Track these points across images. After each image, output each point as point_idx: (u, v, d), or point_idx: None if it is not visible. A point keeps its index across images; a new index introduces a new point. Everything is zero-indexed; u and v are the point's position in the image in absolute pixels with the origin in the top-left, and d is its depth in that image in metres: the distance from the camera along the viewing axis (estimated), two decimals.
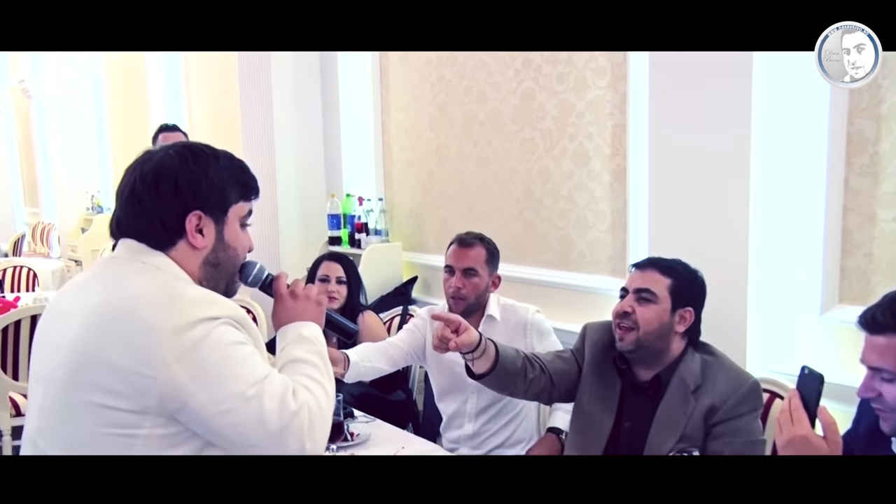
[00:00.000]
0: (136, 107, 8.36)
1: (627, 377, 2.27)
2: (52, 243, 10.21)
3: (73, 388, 1.40)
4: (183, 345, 1.36)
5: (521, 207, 3.98)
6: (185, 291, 1.44)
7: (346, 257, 3.59)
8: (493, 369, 2.22)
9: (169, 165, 1.51)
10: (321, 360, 1.59)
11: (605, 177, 3.52)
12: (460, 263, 2.87)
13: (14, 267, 6.09)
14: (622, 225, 3.45)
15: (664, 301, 2.20)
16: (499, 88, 4.03)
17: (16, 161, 12.22)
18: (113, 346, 1.37)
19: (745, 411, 2.11)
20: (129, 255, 1.51)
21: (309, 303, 1.67)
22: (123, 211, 1.53)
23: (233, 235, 1.58)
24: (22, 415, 3.84)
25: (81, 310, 1.44)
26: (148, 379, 1.35)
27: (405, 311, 3.91)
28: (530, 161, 3.89)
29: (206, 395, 1.36)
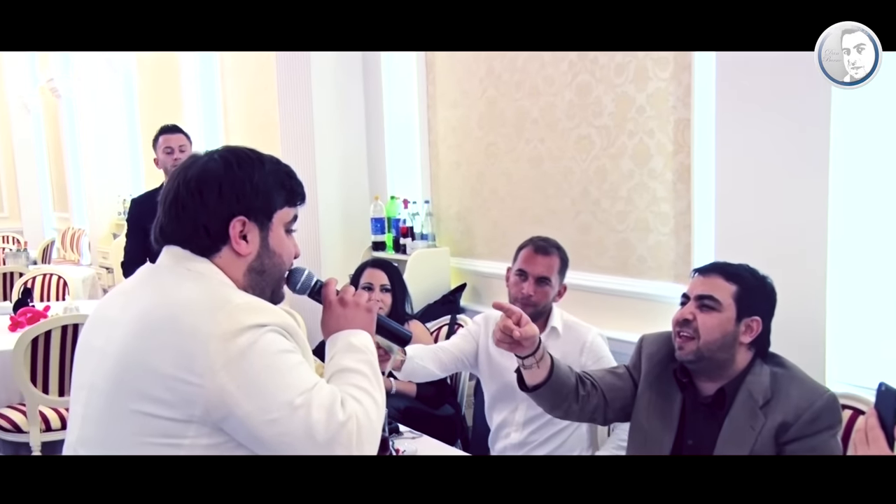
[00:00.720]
0: (169, 105, 8.51)
1: (689, 391, 2.25)
2: (82, 250, 10.43)
3: (117, 397, 1.45)
4: (230, 352, 1.40)
5: (576, 209, 3.97)
6: (232, 298, 1.49)
7: (390, 264, 3.62)
8: (548, 381, 2.22)
9: (213, 170, 1.56)
10: (371, 369, 1.63)
11: (668, 176, 3.50)
12: (535, 270, 2.92)
13: (43, 275, 6.23)
14: (686, 227, 3.43)
15: (728, 309, 2.17)
16: (552, 82, 4.03)
17: (45, 164, 12.51)
18: (159, 354, 1.41)
19: (822, 428, 2.07)
20: (174, 263, 1.56)
21: (359, 310, 1.71)
22: (167, 217, 1.58)
23: (278, 241, 1.62)
24: (52, 430, 3.93)
25: (127, 317, 1.49)
26: (194, 386, 1.39)
27: (453, 321, 3.92)
28: (586, 160, 3.88)
29: (252, 403, 1.40)
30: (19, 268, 6.44)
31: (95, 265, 9.52)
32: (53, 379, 3.87)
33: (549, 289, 2.92)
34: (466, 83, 4.63)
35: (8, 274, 6.27)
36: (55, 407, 3.97)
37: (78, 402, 1.56)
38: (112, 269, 9.20)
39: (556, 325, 2.95)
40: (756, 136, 2.85)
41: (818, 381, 2.16)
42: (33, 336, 3.80)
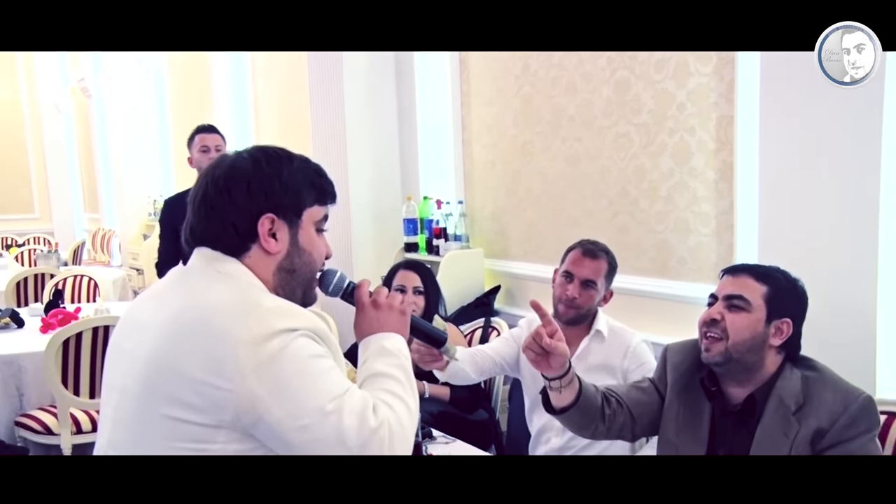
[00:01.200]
0: (200, 105, 8.58)
1: (717, 400, 2.21)
2: (112, 251, 10.55)
3: (147, 400, 1.46)
4: (260, 357, 1.40)
5: (614, 210, 3.95)
6: (263, 301, 1.48)
7: (423, 265, 3.61)
8: (575, 403, 2.18)
9: (241, 168, 1.57)
10: (404, 374, 1.62)
11: (709, 174, 3.46)
12: (581, 273, 2.91)
13: (74, 276, 6.30)
14: (728, 228, 3.39)
15: (758, 310, 2.13)
16: (590, 79, 4.00)
17: (75, 164, 12.67)
18: (189, 358, 1.42)
19: (860, 432, 2.02)
20: (204, 264, 1.56)
21: (392, 312, 1.71)
22: (196, 217, 1.59)
23: (308, 240, 1.62)
24: (83, 432, 3.96)
25: (157, 320, 1.50)
26: (224, 391, 1.39)
27: (487, 323, 3.90)
28: (625, 158, 3.85)
29: (283, 409, 1.40)
30: (50, 269, 6.51)
31: (126, 266, 9.63)
32: (84, 381, 3.90)
33: (594, 293, 2.91)
34: (501, 80, 4.61)
35: (39, 275, 6.33)
36: (86, 409, 3.99)
37: (108, 404, 1.57)
38: (142, 271, 9.30)
39: (601, 329, 2.94)
40: (802, 133, 2.80)
41: (851, 384, 2.11)
42: (64, 338, 3.84)
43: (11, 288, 6.11)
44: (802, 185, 2.83)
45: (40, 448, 3.96)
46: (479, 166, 4.91)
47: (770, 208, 2.95)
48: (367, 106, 5.22)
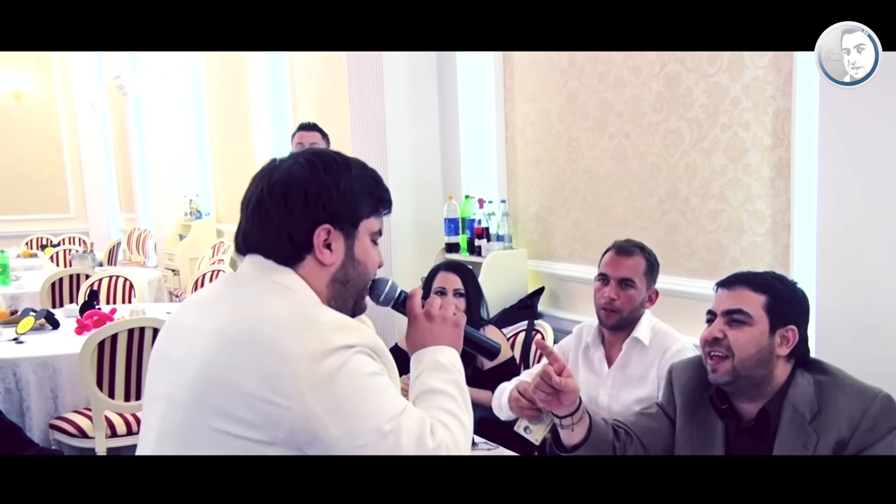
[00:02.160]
0: (237, 102, 8.65)
1: (730, 417, 2.18)
2: (148, 251, 10.68)
3: (198, 413, 1.45)
4: (318, 374, 1.40)
5: (664, 209, 3.91)
6: (320, 315, 1.49)
7: (464, 267, 3.60)
8: (586, 441, 2.17)
9: (298, 175, 1.56)
10: (459, 390, 1.62)
11: (765, 172, 3.41)
12: (616, 272, 2.86)
13: (109, 277, 6.38)
14: (785, 227, 3.35)
15: (760, 322, 2.11)
16: (638, 72, 3.97)
17: (111, 163, 12.85)
18: (243, 372, 1.41)
19: (883, 433, 1.99)
20: (258, 273, 1.56)
21: (446, 325, 1.71)
22: (250, 224, 1.59)
23: (363, 251, 1.62)
24: (118, 435, 4.00)
25: (209, 330, 1.49)
26: (279, 408, 1.39)
27: (530, 326, 3.88)
28: (675, 155, 3.81)
29: (340, 428, 1.40)
30: (85, 270, 6.60)
31: (161, 267, 9.74)
32: (120, 383, 3.94)
33: (633, 292, 2.85)
34: (546, 75, 4.59)
35: (74, 276, 6.42)
36: (121, 412, 4.04)
37: (153, 413, 1.57)
38: (178, 272, 9.40)
39: (640, 336, 2.85)
40: (864, 129, 2.75)
41: (865, 383, 2.07)
42: (100, 339, 3.89)
43: (46, 289, 6.20)
44: (864, 183, 2.78)
45: (74, 451, 4.01)
46: (523, 164, 4.89)
47: (829, 207, 2.90)
48: (408, 102, 5.23)
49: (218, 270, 6.83)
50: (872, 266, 2.80)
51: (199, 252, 9.06)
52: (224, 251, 8.41)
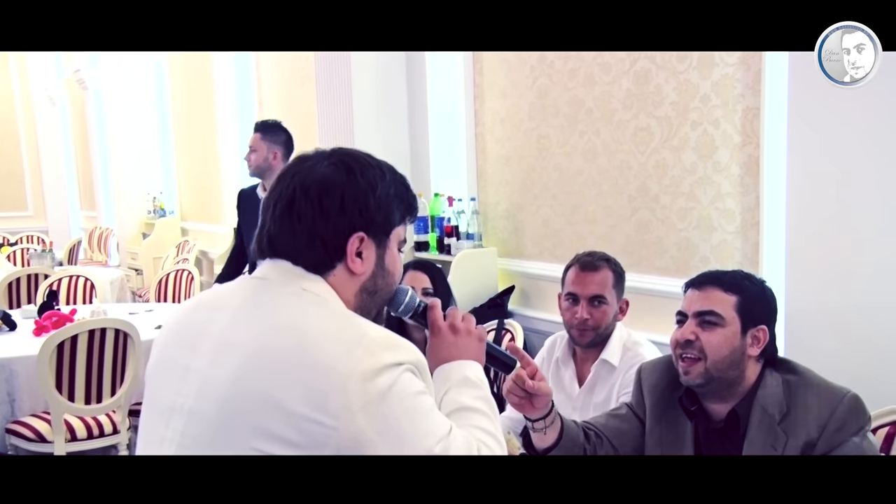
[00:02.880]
0: (202, 98, 8.61)
1: (700, 418, 2.20)
2: (110, 250, 10.59)
3: (230, 430, 1.39)
4: (370, 394, 1.35)
5: (634, 206, 3.95)
6: (367, 330, 1.43)
7: (433, 265, 3.60)
8: (559, 441, 2.17)
9: (334, 178, 1.51)
10: (489, 407, 1.60)
11: (734, 169, 3.46)
12: (585, 290, 2.81)
13: (69, 277, 6.33)
14: (754, 225, 3.39)
15: (732, 323, 2.13)
16: (609, 70, 4.00)
17: (71, 160, 12.72)
18: (287, 388, 1.35)
19: (851, 434, 2.02)
20: (287, 280, 1.50)
21: (471, 339, 1.68)
22: (278, 226, 1.52)
23: (392, 260, 1.58)
24: (78, 439, 3.99)
25: (244, 341, 1.43)
26: (327, 428, 1.33)
27: (500, 325, 3.91)
28: (645, 153, 3.85)
29: (391, 450, 1.36)
30: (44, 269, 6.55)
31: (124, 266, 9.68)
32: (80, 386, 3.93)
33: (606, 308, 2.81)
34: (516, 71, 4.62)
35: (32, 276, 6.37)
36: (81, 415, 4.02)
37: (166, 426, 1.48)
38: (141, 271, 9.34)
39: (610, 359, 2.82)
40: (833, 126, 2.80)
41: (833, 383, 2.10)
42: (59, 341, 3.87)
43: (3, 289, 6.16)
44: (832, 181, 2.83)
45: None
46: (493, 161, 4.92)
47: (798, 205, 2.95)
48: (376, 99, 5.23)
49: (183, 269, 6.81)
50: (842, 264, 2.84)
51: (162, 251, 9.02)
52: (189, 250, 8.38)
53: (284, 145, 4.67)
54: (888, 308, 2.72)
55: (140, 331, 4.16)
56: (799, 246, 2.96)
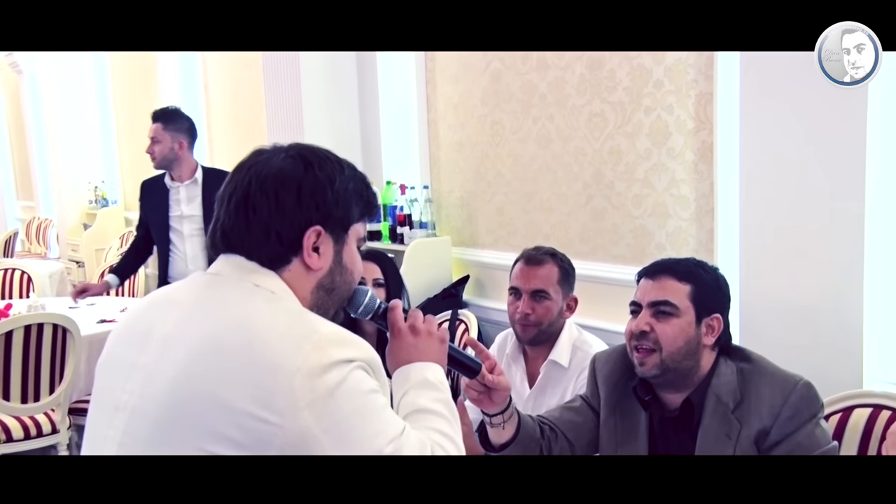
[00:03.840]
0: (145, 82, 8.51)
1: (654, 408, 2.23)
2: (49, 242, 10.45)
3: (174, 429, 1.39)
4: (317, 390, 1.35)
5: (588, 193, 3.99)
6: (318, 326, 1.43)
7: (384, 255, 3.61)
8: (516, 436, 2.18)
9: (291, 170, 1.51)
10: (449, 410, 1.60)
11: (688, 155, 3.51)
12: (528, 285, 2.83)
13: (5, 270, 6.24)
14: (709, 212, 3.44)
15: (686, 313, 2.16)
16: (562, 55, 4.03)
17: (6, 147, 12.51)
18: (233, 386, 1.36)
19: (803, 421, 2.06)
20: (238, 276, 1.51)
21: (432, 340, 1.68)
22: (233, 220, 1.52)
23: (350, 257, 1.59)
24: (14, 440, 3.95)
25: (190, 337, 1.44)
26: (272, 426, 1.33)
27: (454, 316, 3.93)
28: (599, 139, 3.89)
29: (338, 450, 1.36)
30: None
31: (64, 259, 9.55)
32: (16, 384, 3.89)
33: (549, 303, 2.82)
34: (469, 56, 4.63)
35: None
36: (18, 415, 3.99)
37: (108, 424, 1.48)
38: (83, 263, 9.22)
39: (559, 359, 2.83)
40: (785, 112, 2.85)
41: (787, 371, 2.14)
42: None
43: None
44: (786, 166, 2.89)
45: None
46: (446, 148, 4.94)
47: (751, 191, 3.00)
48: (326, 84, 5.22)
49: None
50: (795, 251, 2.89)
51: (105, 242, 8.90)
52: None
53: (188, 133, 4.69)
54: (842, 294, 2.78)
55: (81, 326, 4.11)
56: (753, 233, 3.01)
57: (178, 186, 4.71)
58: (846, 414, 2.42)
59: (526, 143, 4.33)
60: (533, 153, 4.29)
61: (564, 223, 4.14)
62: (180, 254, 4.69)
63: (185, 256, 4.68)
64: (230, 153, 6.93)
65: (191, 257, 4.66)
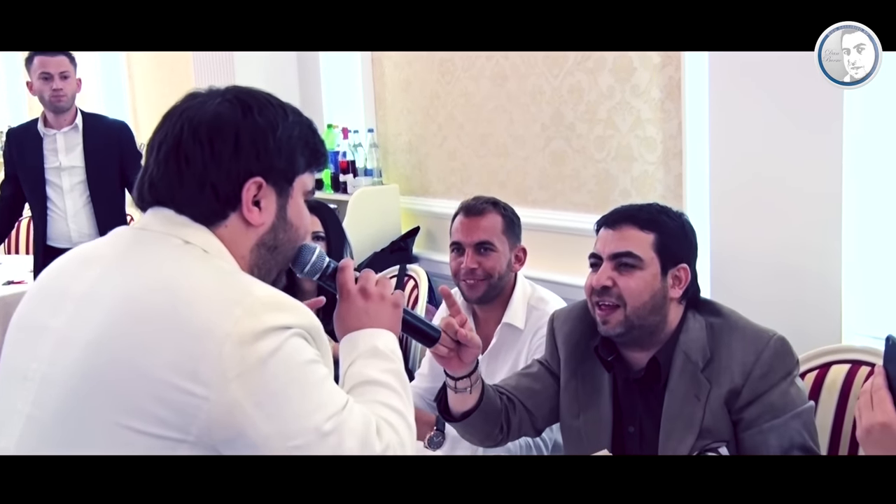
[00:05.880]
0: None
1: (618, 369, 2.21)
2: None
3: (89, 403, 1.34)
4: (248, 359, 1.31)
5: (547, 136, 3.95)
6: (252, 289, 1.39)
7: (324, 206, 3.54)
8: (479, 404, 2.16)
9: (228, 116, 1.45)
10: (400, 382, 1.57)
11: (654, 93, 3.48)
12: (470, 237, 2.79)
13: None
14: (677, 155, 3.42)
15: (651, 264, 2.12)
16: None
17: None
18: (153, 353, 1.31)
19: (777, 379, 2.05)
20: (166, 231, 1.45)
21: (384, 304, 1.64)
22: (162, 170, 1.46)
23: (296, 212, 1.54)
24: None
25: (109, 298, 1.38)
26: (196, 398, 1.29)
27: (402, 271, 3.87)
28: (558, 76, 3.85)
29: (271, 425, 1.32)
30: None
31: None
32: None
33: (495, 255, 2.77)
34: None
35: None
36: None
37: (16, 396, 1.42)
38: None
39: (514, 321, 2.80)
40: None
41: (759, 325, 2.13)
42: None
43: None
44: (758, 104, 2.87)
45: None
46: (392, 88, 4.88)
47: (722, 131, 2.99)
48: None
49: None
50: (769, 196, 2.88)
51: None
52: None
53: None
54: (818, 242, 2.78)
55: None
56: (723, 177, 2.99)
57: (54, 134, 4.47)
58: (823, 371, 2.39)
59: (479, 81, 4.28)
60: (487, 92, 4.24)
61: (522, 168, 4.10)
62: (59, 211, 4.44)
63: (64, 214, 4.43)
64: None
65: (71, 214, 4.41)
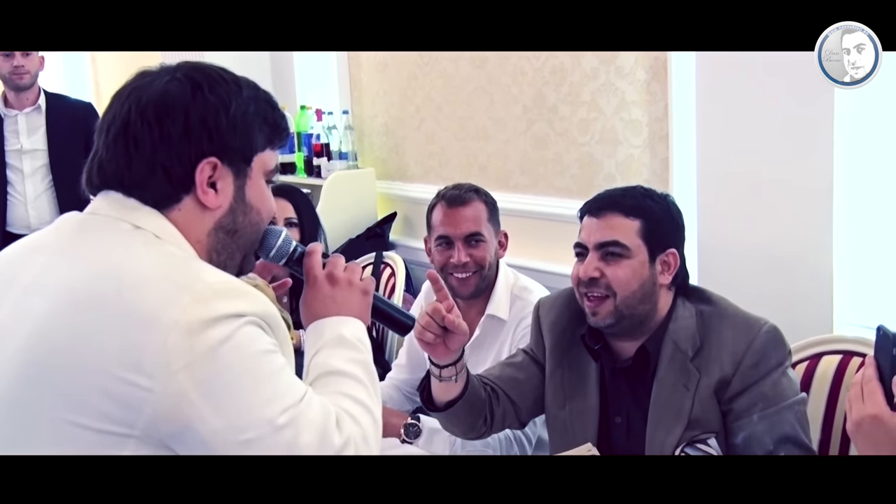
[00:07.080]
0: None
1: (605, 358, 2.22)
2: None
3: (32, 397, 1.33)
4: (196, 349, 1.28)
5: (529, 118, 3.95)
6: (202, 274, 1.37)
7: (297, 191, 3.53)
8: (464, 393, 2.17)
9: (176, 94, 1.43)
10: (366, 373, 1.55)
11: (640, 74, 3.47)
12: (458, 229, 2.75)
13: None
14: (663, 138, 3.42)
15: (639, 252, 2.12)
16: None
17: None
18: (96, 343, 1.29)
19: (769, 369, 2.06)
20: (117, 215, 1.44)
21: (352, 291, 1.62)
22: (111, 153, 1.44)
23: (257, 193, 1.51)
24: None
25: (51, 287, 1.37)
26: (141, 390, 1.27)
27: (379, 258, 3.86)
28: (540, 57, 3.84)
29: (221, 419, 1.30)
30: None
31: None
32: None
33: (485, 245, 2.76)
34: None
35: None
36: None
37: None
38: None
39: (498, 312, 2.79)
40: None
41: (751, 313, 2.14)
42: None
43: None
44: (747, 86, 2.87)
45: None
46: (368, 69, 4.87)
47: (708, 113, 2.99)
48: None
49: None
50: (758, 180, 2.89)
51: None
52: None
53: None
54: (809, 230, 2.79)
55: None
56: (711, 161, 3.00)
57: (15, 115, 4.47)
58: (814, 361, 2.40)
59: (458, 61, 4.27)
60: (466, 73, 4.24)
61: (502, 152, 4.10)
62: (19, 196, 4.42)
63: (24, 199, 4.41)
64: None
65: (31, 200, 4.39)
